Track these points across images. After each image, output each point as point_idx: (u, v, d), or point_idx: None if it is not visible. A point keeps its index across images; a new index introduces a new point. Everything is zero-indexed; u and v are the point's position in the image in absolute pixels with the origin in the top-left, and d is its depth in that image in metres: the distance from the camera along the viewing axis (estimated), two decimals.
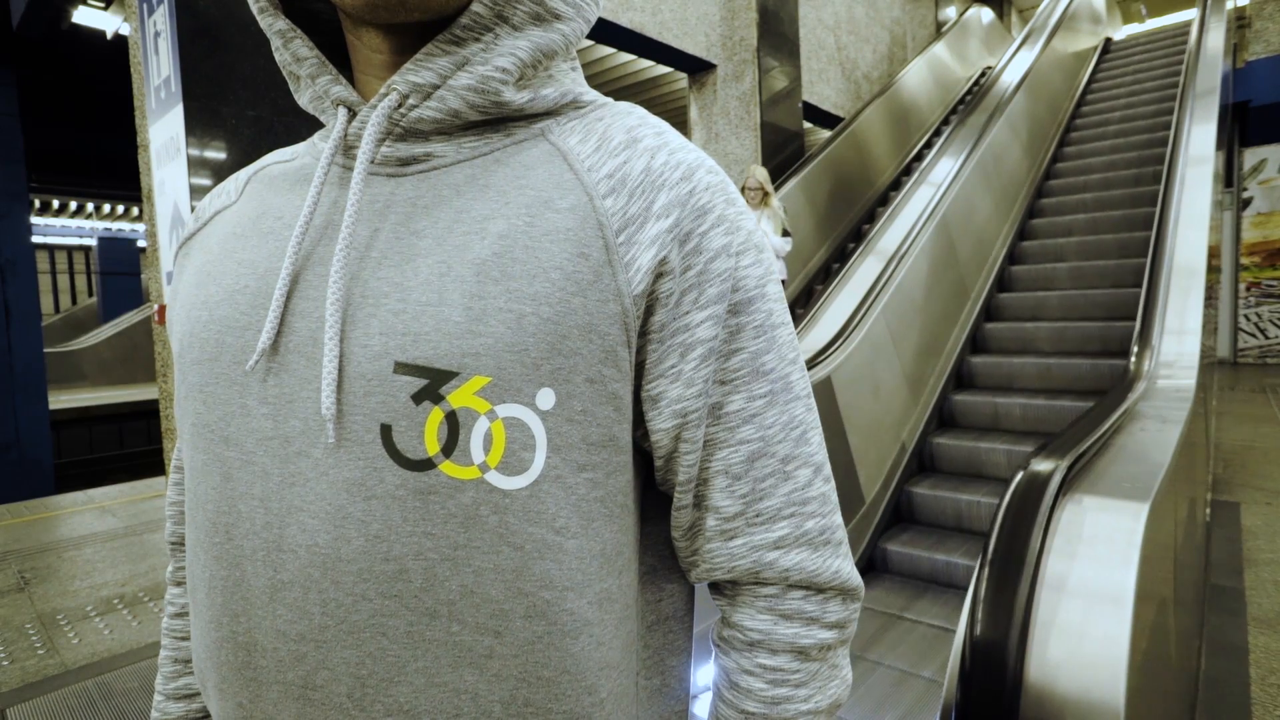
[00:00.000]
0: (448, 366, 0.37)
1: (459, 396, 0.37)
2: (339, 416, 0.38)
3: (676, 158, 0.43)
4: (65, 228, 16.31)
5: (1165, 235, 3.24)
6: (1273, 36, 7.86)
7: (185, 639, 0.59)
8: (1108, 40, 8.43)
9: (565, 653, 0.40)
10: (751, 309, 0.43)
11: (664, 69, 6.86)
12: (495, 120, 0.44)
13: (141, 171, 2.99)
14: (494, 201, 0.41)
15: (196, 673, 0.47)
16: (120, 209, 15.54)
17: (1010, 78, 5.74)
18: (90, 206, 15.21)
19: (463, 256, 0.39)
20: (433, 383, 0.37)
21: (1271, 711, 1.89)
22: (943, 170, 4.46)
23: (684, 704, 0.51)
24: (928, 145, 6.98)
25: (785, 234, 4.39)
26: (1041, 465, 1.33)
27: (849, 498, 2.85)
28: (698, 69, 5.92)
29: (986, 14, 9.72)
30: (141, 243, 15.70)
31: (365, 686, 0.38)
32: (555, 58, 0.45)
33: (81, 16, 6.37)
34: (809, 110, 7.07)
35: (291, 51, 0.45)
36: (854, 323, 3.19)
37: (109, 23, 6.64)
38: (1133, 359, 2.49)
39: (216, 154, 2.67)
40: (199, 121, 2.61)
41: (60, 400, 10.20)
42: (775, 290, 0.45)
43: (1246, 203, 8.24)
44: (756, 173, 4.43)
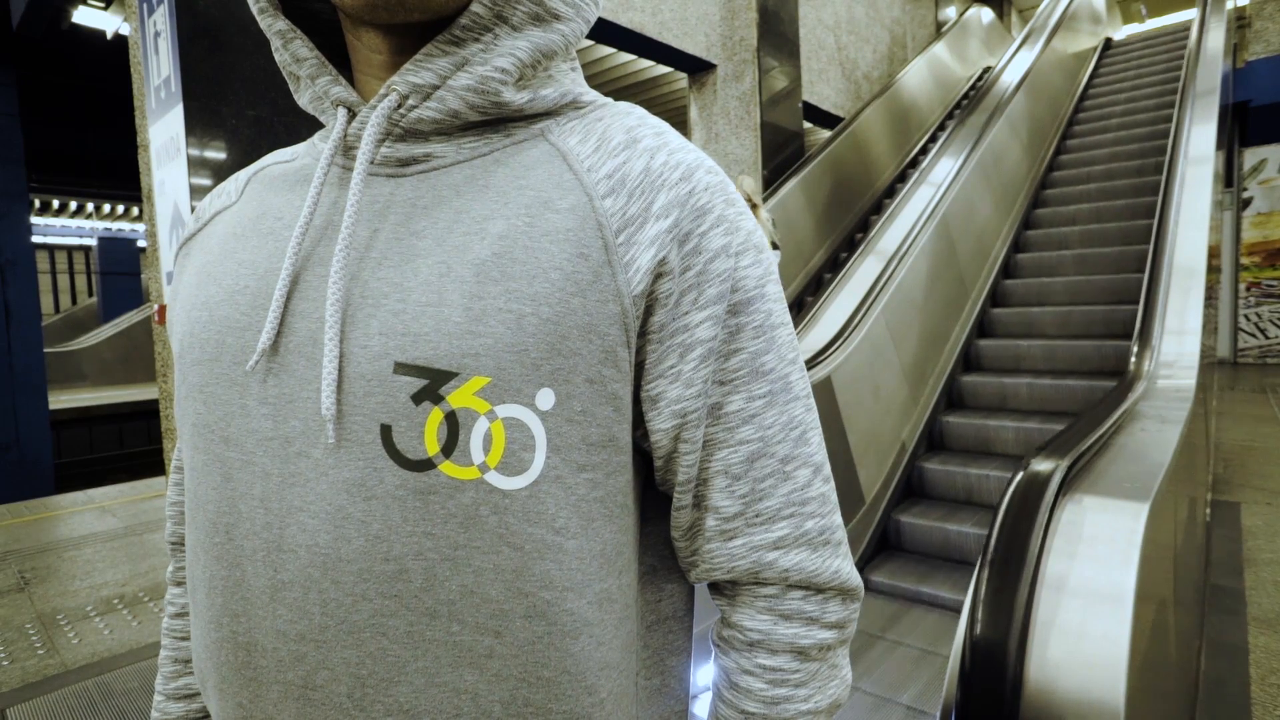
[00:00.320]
0: (447, 367, 0.37)
1: (459, 397, 0.37)
2: (339, 417, 0.38)
3: (676, 158, 0.43)
4: (65, 228, 16.31)
5: (1165, 235, 3.24)
6: (1273, 36, 7.86)
7: (185, 639, 0.59)
8: (1108, 40, 8.43)
9: (565, 653, 0.40)
10: (751, 309, 0.43)
11: (664, 69, 6.87)
12: (495, 121, 0.44)
13: (141, 171, 2.99)
14: (494, 202, 0.41)
15: (196, 673, 0.47)
16: (120, 209, 15.54)
17: (1010, 78, 5.74)
18: (90, 206, 15.21)
19: (462, 257, 0.39)
20: (432, 383, 0.37)
21: (1271, 711, 1.89)
22: (943, 170, 4.46)
23: (684, 704, 0.51)
24: (928, 145, 6.98)
25: (774, 246, 4.37)
26: (1041, 465, 1.33)
27: (849, 498, 2.85)
28: (698, 69, 5.92)
29: (986, 14, 9.73)
30: (141, 243, 15.70)
31: (365, 686, 0.39)
32: (555, 58, 0.45)
33: (81, 16, 6.38)
34: (809, 110, 7.07)
35: (291, 52, 0.45)
36: (854, 322, 3.19)
37: (109, 23, 6.65)
38: (1133, 359, 2.49)
39: (216, 154, 2.67)
40: (199, 121, 2.61)
41: (60, 400, 10.20)
42: (775, 290, 0.45)
43: (1246, 203, 8.25)
44: (744, 183, 4.41)
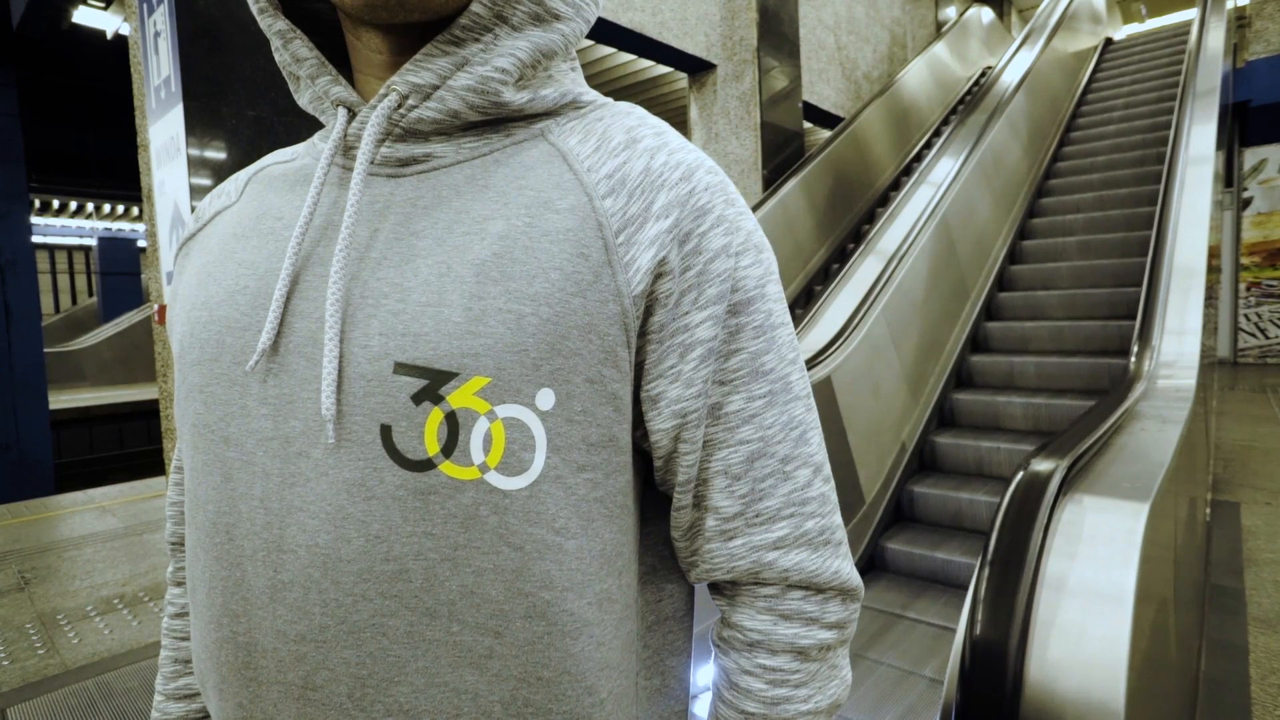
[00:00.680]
0: (447, 367, 0.37)
1: (459, 397, 0.37)
2: (339, 417, 0.38)
3: (676, 158, 0.43)
4: (65, 228, 16.30)
5: (1165, 235, 3.24)
6: (1273, 36, 7.86)
7: (185, 639, 0.59)
8: (1108, 40, 8.43)
9: (565, 653, 0.40)
10: (751, 309, 0.43)
11: (664, 69, 6.86)
12: (495, 121, 0.44)
13: (141, 171, 2.99)
14: (493, 202, 0.41)
15: (196, 673, 0.47)
16: (120, 209, 15.54)
17: (1010, 78, 5.73)
18: (90, 206, 15.20)
19: (462, 257, 0.39)
20: (432, 383, 0.37)
21: (1271, 711, 1.89)
22: (943, 170, 4.45)
23: (684, 704, 0.51)
24: (928, 145, 6.98)
25: None
26: (1041, 465, 1.32)
27: (849, 498, 2.85)
28: (698, 69, 5.91)
29: (986, 14, 9.72)
30: (141, 243, 15.70)
31: (365, 686, 0.39)
32: (555, 58, 0.45)
33: (81, 16, 6.38)
34: (809, 110, 7.07)
35: (291, 52, 0.45)
36: (854, 322, 3.19)
37: (109, 23, 6.65)
38: (1133, 359, 2.49)
39: (216, 154, 2.67)
40: (199, 121, 2.61)
41: (60, 400, 10.20)
42: (775, 290, 0.45)
43: (1246, 203, 8.24)
44: None
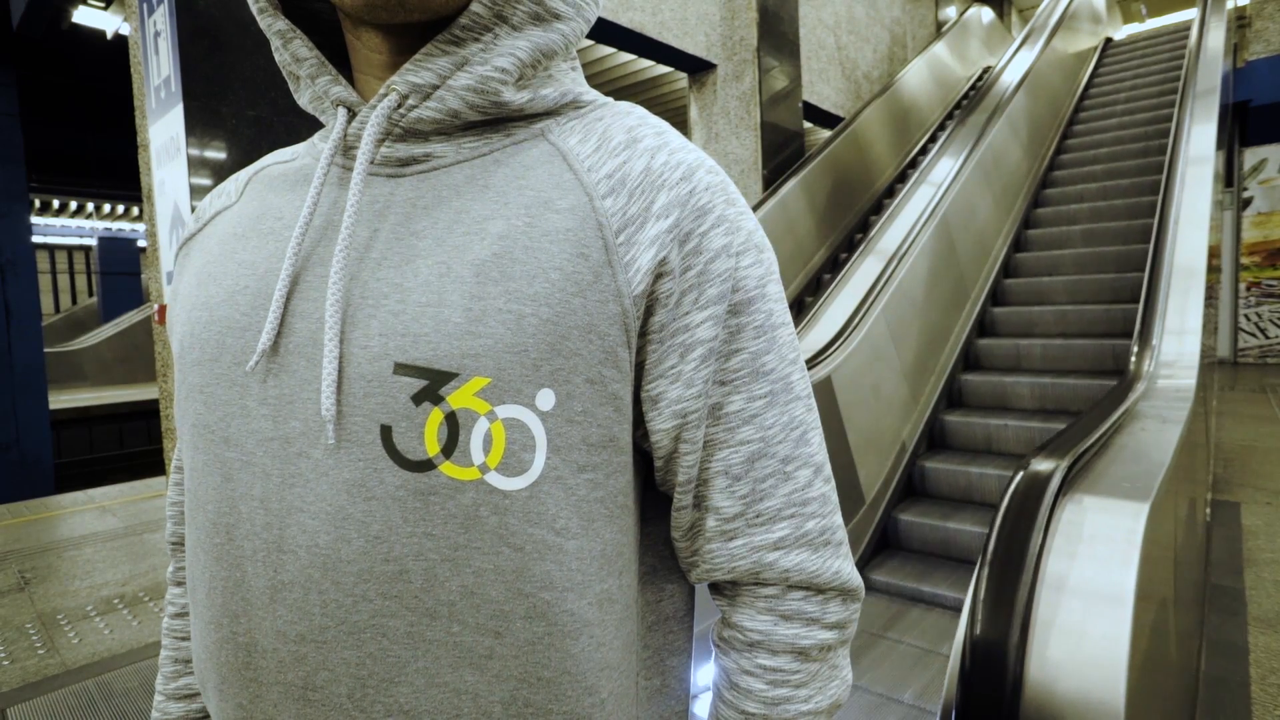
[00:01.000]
0: (447, 367, 0.37)
1: (459, 397, 0.37)
2: (339, 417, 0.38)
3: (676, 158, 0.43)
4: (65, 228, 16.31)
5: (1165, 235, 3.24)
6: (1273, 36, 7.86)
7: (185, 639, 0.59)
8: (1108, 40, 8.43)
9: (565, 653, 0.40)
10: (751, 309, 0.43)
11: (664, 69, 6.86)
12: (495, 120, 0.44)
13: (141, 171, 2.99)
14: (493, 202, 0.41)
15: (196, 673, 0.47)
16: (120, 209, 15.54)
17: (1010, 77, 5.73)
18: (90, 206, 15.21)
19: (462, 257, 0.39)
20: (432, 384, 0.37)
21: (1272, 711, 1.89)
22: (943, 170, 4.46)
23: (684, 704, 0.51)
24: (928, 145, 6.98)
25: None
26: (1041, 465, 1.33)
27: (849, 498, 2.85)
28: (698, 69, 5.91)
29: (986, 14, 9.72)
30: (141, 242, 15.70)
31: (365, 687, 0.38)
32: (555, 58, 0.45)
33: (81, 16, 6.38)
34: (809, 110, 7.07)
35: (291, 52, 0.45)
36: (854, 322, 3.19)
37: (109, 23, 6.65)
38: (1133, 359, 2.49)
39: (216, 154, 2.67)
40: (199, 121, 2.61)
41: (60, 400, 10.20)
42: (776, 290, 0.45)
43: (1247, 202, 8.25)
44: None
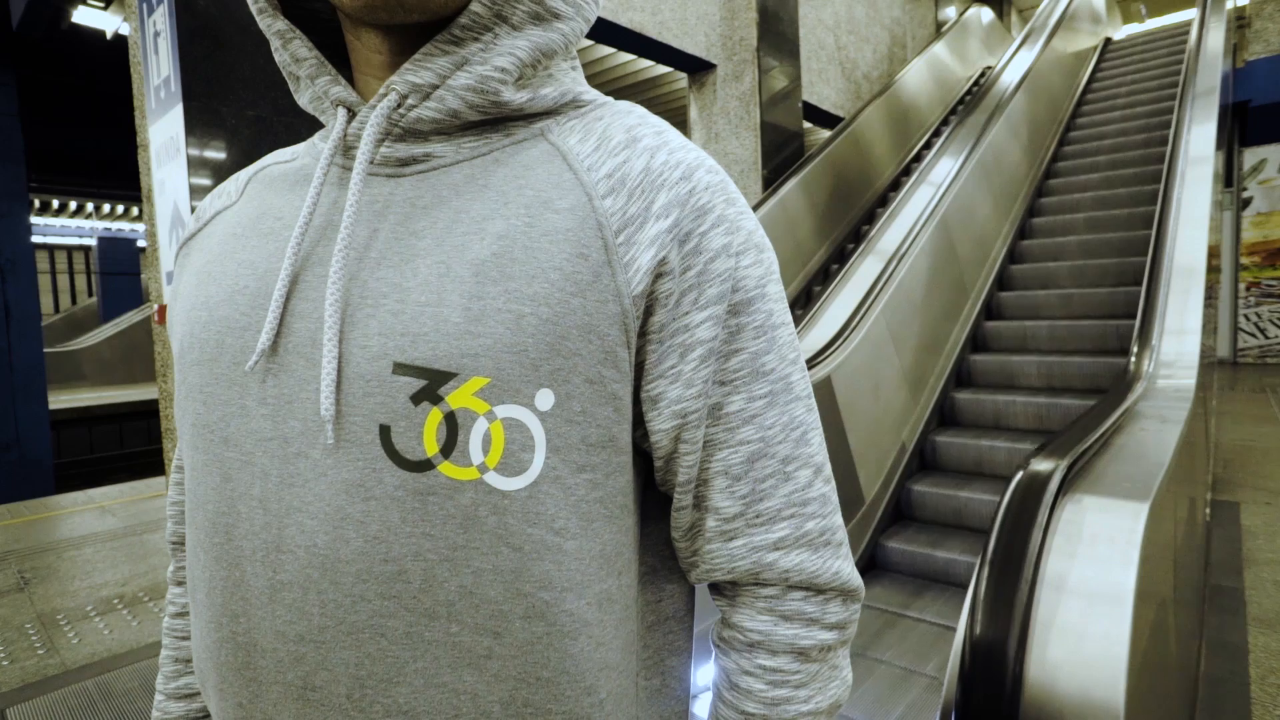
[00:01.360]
0: (446, 367, 0.37)
1: (458, 397, 0.37)
2: (338, 417, 0.38)
3: (676, 157, 0.42)
4: (65, 228, 16.32)
5: (1165, 235, 3.24)
6: (1273, 36, 7.86)
7: (186, 639, 0.59)
8: (1107, 40, 8.42)
9: (564, 653, 0.40)
10: (751, 309, 0.43)
11: (664, 69, 6.86)
12: (495, 120, 0.44)
13: (141, 171, 2.99)
14: (493, 202, 0.41)
15: (197, 672, 0.47)
16: (120, 209, 15.55)
17: (1010, 77, 5.73)
18: (90, 206, 15.22)
19: (461, 257, 0.39)
20: (431, 383, 0.37)
21: (1271, 711, 1.89)
22: (943, 170, 4.45)
23: (684, 704, 0.51)
24: (928, 145, 6.98)
25: None
26: (1041, 465, 1.32)
27: (849, 498, 2.85)
28: (698, 69, 5.91)
29: (986, 14, 9.72)
30: (141, 242, 15.70)
31: (364, 687, 0.38)
32: (555, 57, 0.45)
33: (81, 16, 6.37)
34: (809, 110, 7.07)
35: (291, 52, 0.45)
36: (854, 322, 3.19)
37: (109, 23, 6.64)
38: (1133, 359, 2.49)
39: (216, 154, 2.67)
40: (199, 121, 2.61)
41: (60, 400, 10.20)
42: (776, 290, 0.45)
43: (1246, 202, 8.25)
44: None
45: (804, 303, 4.96)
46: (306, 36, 0.47)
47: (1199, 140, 3.95)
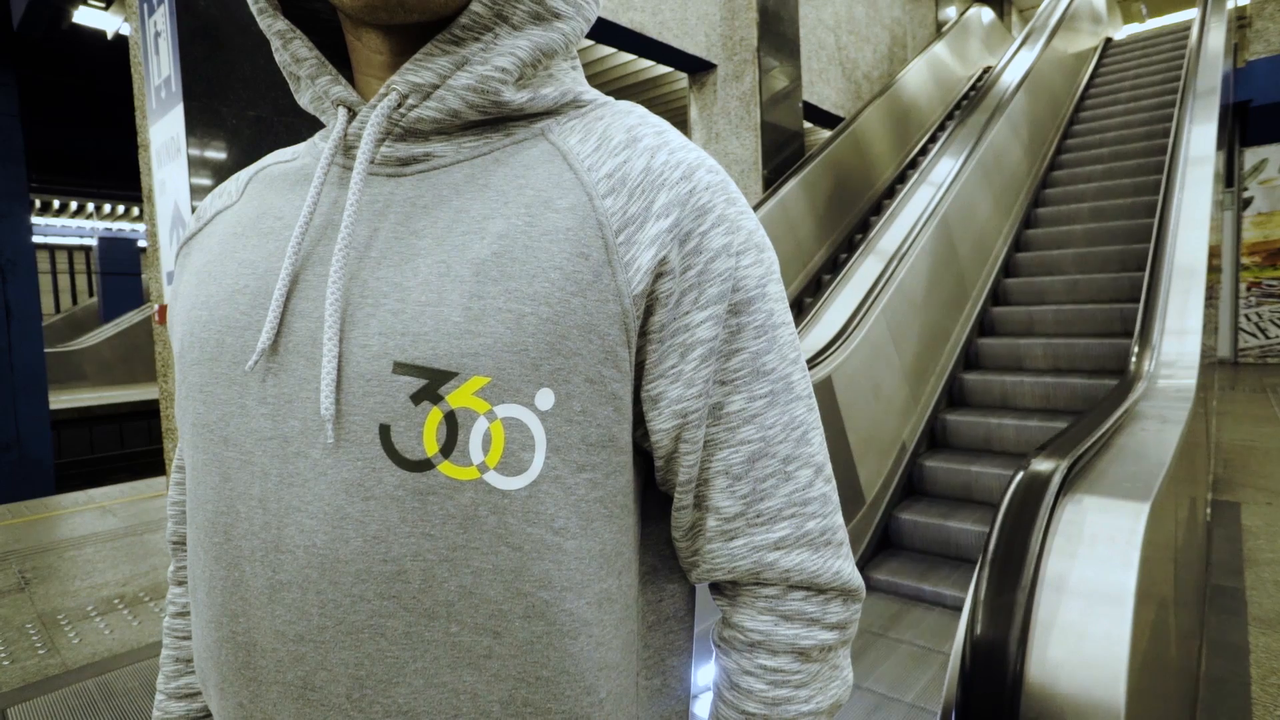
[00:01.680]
0: (446, 367, 0.37)
1: (458, 397, 0.37)
2: (338, 417, 0.38)
3: (677, 157, 0.42)
4: (65, 228, 16.33)
5: (1166, 235, 3.23)
6: (1273, 36, 7.86)
7: (187, 638, 0.59)
8: (1108, 40, 8.42)
9: (564, 653, 0.40)
10: (752, 309, 0.43)
11: (664, 69, 6.86)
12: (495, 120, 0.44)
13: (142, 171, 2.99)
14: (493, 201, 0.41)
15: (198, 672, 0.47)
16: (120, 209, 15.56)
17: (1010, 77, 5.73)
18: (90, 206, 15.23)
19: (462, 256, 0.39)
20: (432, 383, 0.37)
21: (1272, 712, 1.89)
22: (943, 170, 4.45)
23: (684, 704, 0.51)
24: (928, 145, 6.98)
25: None
26: (1042, 465, 1.32)
27: (849, 498, 2.85)
28: (698, 69, 5.91)
29: (987, 14, 9.72)
30: (142, 243, 15.71)
31: (364, 687, 0.38)
32: (555, 57, 0.45)
33: (81, 16, 6.37)
34: (809, 110, 7.07)
35: (291, 52, 0.45)
36: (854, 322, 3.19)
37: (109, 23, 6.64)
38: (1133, 359, 2.49)
39: (217, 154, 2.67)
40: (199, 121, 2.61)
41: (61, 400, 10.20)
42: (776, 290, 0.45)
43: (1247, 202, 8.24)
44: None
45: (804, 302, 4.96)
46: (307, 36, 0.47)
47: (1200, 140, 3.95)
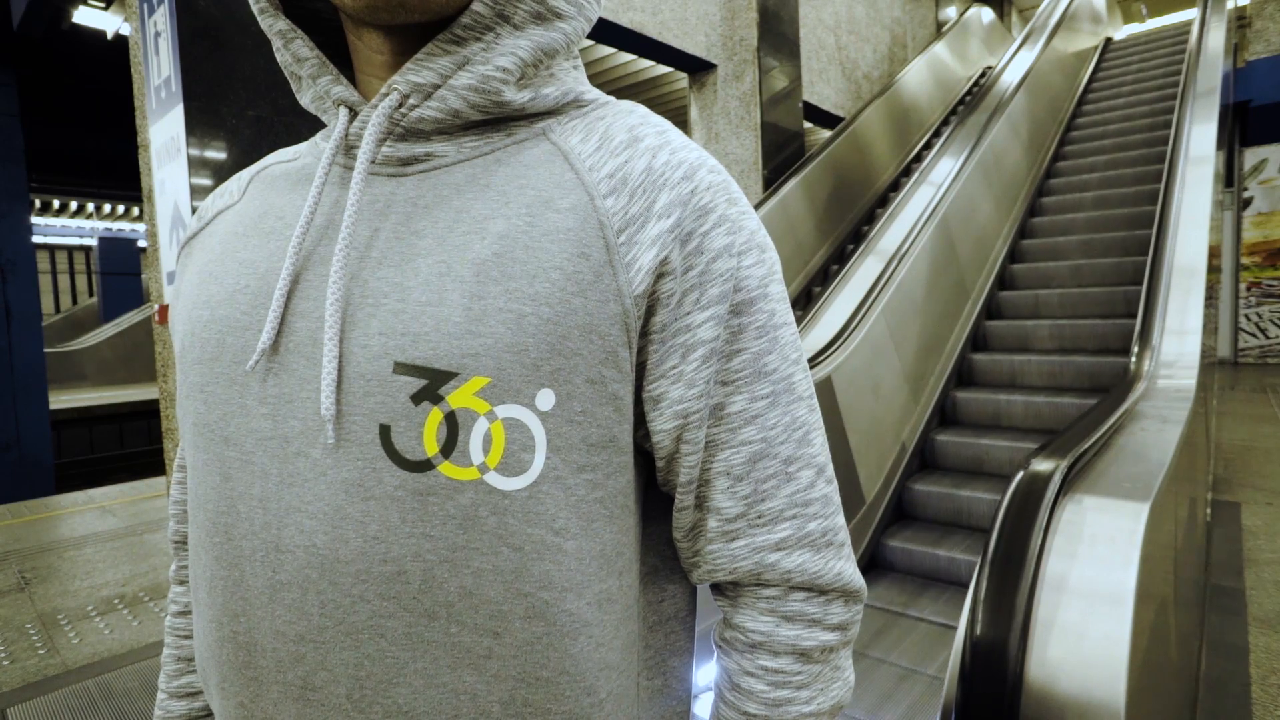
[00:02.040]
0: (447, 367, 0.37)
1: (458, 397, 0.37)
2: (338, 417, 0.38)
3: (678, 157, 0.42)
4: (65, 228, 16.32)
5: (1166, 235, 3.23)
6: (1273, 36, 7.86)
7: (188, 637, 0.59)
8: (1108, 40, 8.42)
9: (564, 653, 0.40)
10: (754, 309, 0.43)
11: (664, 69, 6.86)
12: (496, 120, 0.44)
13: (142, 171, 2.99)
14: (494, 201, 0.41)
15: (199, 671, 0.47)
16: (120, 209, 15.55)
17: (1010, 77, 5.73)
18: (90, 206, 15.22)
19: (463, 256, 0.39)
20: (432, 383, 0.37)
21: (1272, 712, 1.89)
22: (943, 170, 4.45)
23: (685, 704, 0.51)
24: (928, 145, 6.98)
25: None
26: (1042, 465, 1.32)
27: (849, 497, 2.85)
28: (698, 69, 5.91)
29: (987, 14, 9.71)
30: (142, 243, 15.70)
31: (364, 687, 0.38)
32: (556, 57, 0.45)
33: (81, 16, 6.37)
34: (809, 110, 7.07)
35: (292, 52, 0.45)
36: (854, 322, 3.19)
37: (109, 23, 6.64)
38: (1133, 359, 2.49)
39: (217, 154, 2.67)
40: (199, 121, 2.61)
41: (61, 400, 10.20)
42: (778, 290, 0.45)
43: (1247, 202, 8.24)
44: None
45: (804, 302, 4.96)
46: (308, 36, 0.47)
47: (1199, 140, 3.95)
